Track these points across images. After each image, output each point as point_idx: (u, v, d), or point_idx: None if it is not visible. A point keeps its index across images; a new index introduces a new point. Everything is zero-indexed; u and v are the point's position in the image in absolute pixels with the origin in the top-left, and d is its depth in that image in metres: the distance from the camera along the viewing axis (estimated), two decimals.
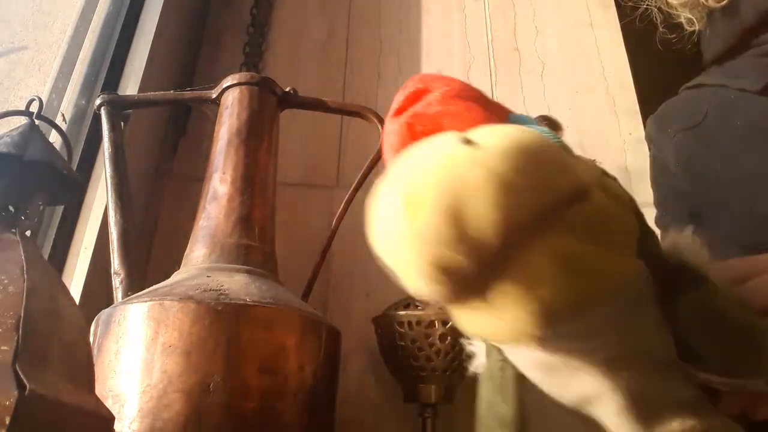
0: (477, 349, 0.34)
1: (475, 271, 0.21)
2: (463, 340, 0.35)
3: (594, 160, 0.31)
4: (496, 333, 0.22)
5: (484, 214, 0.20)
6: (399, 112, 0.28)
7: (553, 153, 0.23)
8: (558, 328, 0.22)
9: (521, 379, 0.30)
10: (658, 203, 0.62)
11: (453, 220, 0.20)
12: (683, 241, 0.31)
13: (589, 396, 0.28)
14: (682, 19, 0.60)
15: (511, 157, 0.21)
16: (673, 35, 0.61)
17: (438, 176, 0.21)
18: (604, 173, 0.28)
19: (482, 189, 0.20)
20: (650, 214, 0.66)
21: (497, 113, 0.29)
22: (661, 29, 0.62)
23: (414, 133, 0.27)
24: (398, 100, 0.29)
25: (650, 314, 0.28)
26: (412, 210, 0.21)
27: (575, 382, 0.28)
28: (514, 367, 0.30)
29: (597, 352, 0.27)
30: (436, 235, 0.20)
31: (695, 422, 0.29)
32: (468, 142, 0.22)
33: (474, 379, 0.34)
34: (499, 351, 0.31)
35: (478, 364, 0.34)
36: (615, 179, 0.30)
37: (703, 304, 0.28)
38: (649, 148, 0.67)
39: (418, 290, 0.22)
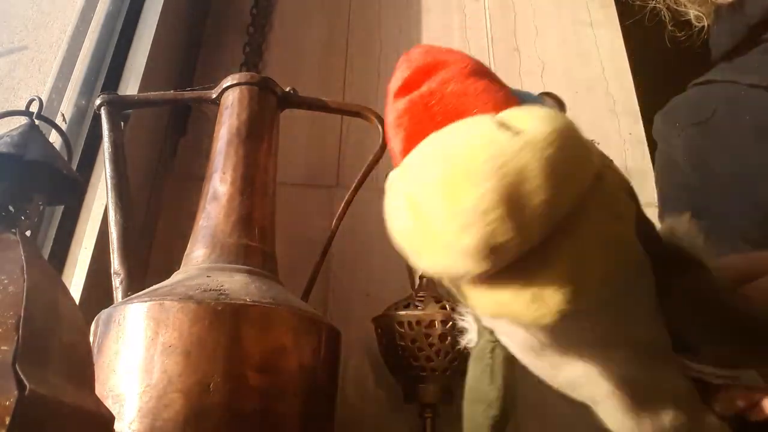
0: (468, 325, 0.34)
1: (521, 248, 0.21)
2: (455, 315, 0.36)
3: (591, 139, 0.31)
4: (522, 310, 0.22)
5: (535, 196, 0.21)
6: (407, 88, 0.27)
7: (581, 135, 0.23)
8: (580, 303, 0.22)
9: (511, 361, 0.30)
10: (664, 198, 0.62)
11: (506, 200, 0.20)
12: (680, 227, 0.31)
13: (578, 379, 0.28)
14: (691, 16, 0.59)
15: (555, 142, 0.21)
16: (682, 33, 0.61)
17: (487, 158, 0.21)
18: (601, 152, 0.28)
19: (534, 172, 0.21)
20: (652, 215, 0.65)
21: (505, 91, 0.28)
22: (669, 27, 0.62)
23: (432, 113, 0.26)
24: (402, 75, 0.27)
25: (645, 298, 0.28)
26: (460, 189, 0.21)
27: (565, 365, 0.28)
28: (504, 349, 0.30)
29: (589, 332, 0.27)
30: (491, 213, 0.20)
31: (686, 417, 0.29)
32: (506, 126, 0.22)
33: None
34: (491, 332, 0.31)
35: (470, 339, 0.34)
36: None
37: (698, 288, 0.28)
38: (657, 143, 0.66)
39: (454, 268, 0.22)
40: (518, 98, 0.29)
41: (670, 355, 0.28)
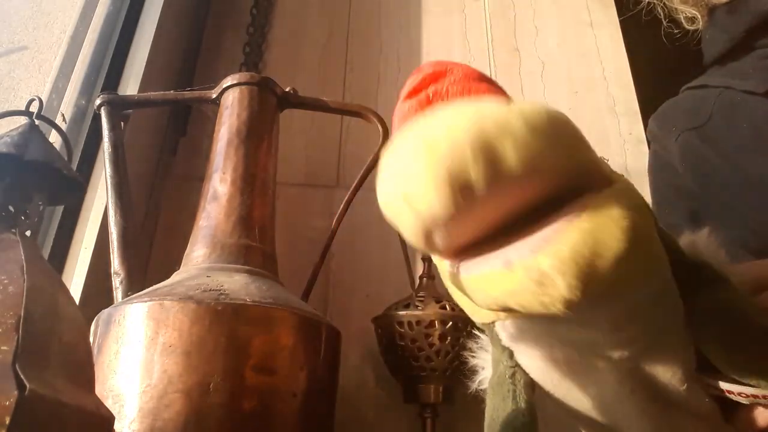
0: (480, 362, 0.34)
1: (489, 194, 0.20)
2: (466, 353, 0.35)
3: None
4: (526, 295, 0.21)
5: (513, 153, 0.20)
6: (415, 92, 0.27)
7: (578, 131, 0.23)
8: (595, 300, 0.21)
9: (532, 388, 0.30)
10: (660, 199, 0.62)
11: (484, 153, 0.20)
12: (701, 241, 0.30)
13: (604, 403, 0.28)
14: (682, 17, 0.59)
15: (543, 115, 0.21)
16: (678, 30, 0.61)
17: (474, 115, 0.21)
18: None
19: (516, 129, 0.20)
20: None
21: (506, 97, 0.28)
22: (665, 23, 0.62)
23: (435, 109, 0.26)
24: (412, 82, 0.28)
25: (677, 310, 0.27)
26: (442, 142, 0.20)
27: (595, 384, 0.27)
28: (525, 374, 0.30)
29: (622, 347, 0.26)
30: (463, 155, 0.19)
31: None
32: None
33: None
34: (510, 356, 0.30)
35: (483, 378, 0.33)
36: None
37: (720, 303, 0.27)
38: (649, 144, 0.66)
39: (435, 218, 0.21)
40: None
41: (694, 375, 0.27)
